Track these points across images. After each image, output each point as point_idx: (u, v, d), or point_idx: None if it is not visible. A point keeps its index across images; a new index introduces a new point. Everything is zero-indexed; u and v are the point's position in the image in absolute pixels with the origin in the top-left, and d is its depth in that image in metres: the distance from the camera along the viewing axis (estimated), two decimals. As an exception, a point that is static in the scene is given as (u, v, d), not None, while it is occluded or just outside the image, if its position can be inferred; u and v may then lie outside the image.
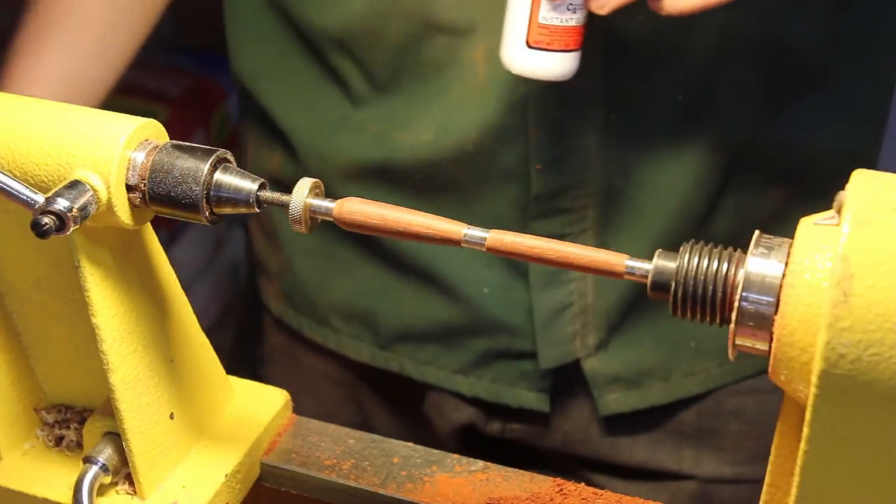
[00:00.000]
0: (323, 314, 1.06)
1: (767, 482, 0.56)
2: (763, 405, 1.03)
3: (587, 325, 0.96)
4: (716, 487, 1.05)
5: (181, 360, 0.71)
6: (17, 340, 0.72)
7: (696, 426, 1.03)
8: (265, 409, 0.77)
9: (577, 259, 0.56)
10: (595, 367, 0.98)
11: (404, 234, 0.59)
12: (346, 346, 1.05)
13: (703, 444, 1.03)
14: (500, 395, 1.01)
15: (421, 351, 1.02)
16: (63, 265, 0.67)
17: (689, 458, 1.04)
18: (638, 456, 1.04)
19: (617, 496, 0.73)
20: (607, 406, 0.99)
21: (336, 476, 0.73)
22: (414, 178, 0.94)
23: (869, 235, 0.46)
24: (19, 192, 0.59)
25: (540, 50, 0.78)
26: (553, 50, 0.78)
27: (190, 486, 0.70)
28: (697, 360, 1.00)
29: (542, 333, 0.96)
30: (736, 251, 0.53)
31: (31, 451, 0.74)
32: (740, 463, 1.04)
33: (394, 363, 1.04)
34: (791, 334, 0.48)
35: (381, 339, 1.03)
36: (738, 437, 1.04)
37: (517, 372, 1.00)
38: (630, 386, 0.99)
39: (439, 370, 1.02)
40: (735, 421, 1.03)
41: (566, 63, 0.79)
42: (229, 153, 0.62)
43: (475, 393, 1.01)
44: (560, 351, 0.97)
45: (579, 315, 0.96)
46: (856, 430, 0.47)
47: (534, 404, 1.01)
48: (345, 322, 1.05)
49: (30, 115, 0.62)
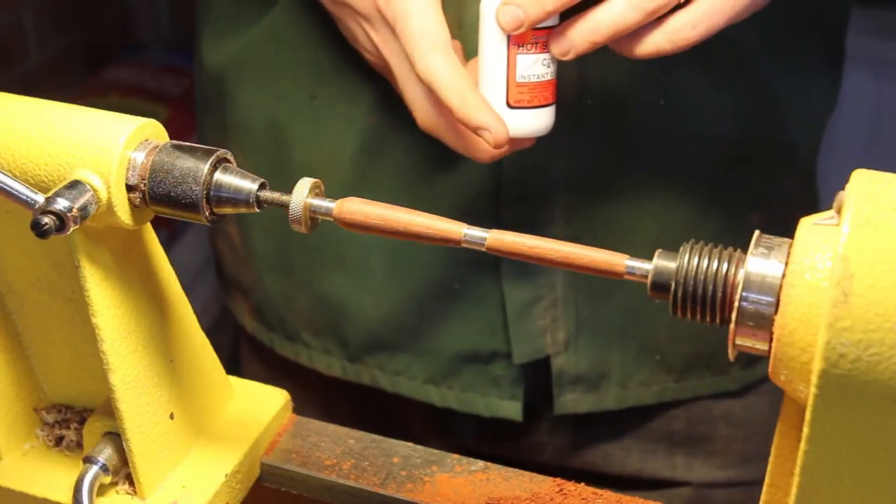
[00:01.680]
0: (292, 329, 1.04)
1: (767, 482, 0.56)
2: (749, 408, 1.03)
3: (557, 320, 0.96)
4: (709, 492, 1.04)
5: (181, 360, 0.71)
6: (17, 340, 0.72)
7: (685, 433, 1.03)
8: (265, 409, 0.77)
9: (577, 259, 0.56)
10: (562, 366, 0.97)
11: (404, 234, 0.59)
12: (316, 361, 1.04)
13: (694, 450, 1.03)
14: (470, 403, 1.00)
15: (391, 361, 1.00)
16: (63, 265, 0.67)
17: (681, 465, 1.03)
18: (630, 466, 1.04)
19: (617, 496, 0.73)
20: (564, 406, 0.98)
21: (336, 476, 0.73)
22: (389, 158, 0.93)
23: (869, 235, 0.46)
24: (19, 192, 0.59)
25: (521, 109, 0.78)
26: (534, 107, 0.78)
27: (190, 486, 0.70)
28: (657, 373, 0.99)
29: (515, 327, 0.96)
30: (736, 251, 0.53)
31: (31, 451, 0.74)
32: (731, 466, 1.04)
33: (365, 375, 1.02)
34: (791, 334, 0.48)
35: (351, 352, 1.02)
36: (727, 440, 1.04)
37: (488, 378, 0.98)
38: (589, 388, 0.98)
39: (410, 380, 1.00)
40: (724, 425, 1.03)
41: (547, 117, 0.79)
42: (229, 153, 0.62)
43: (446, 403, 1.00)
44: (531, 346, 0.96)
45: (549, 309, 0.95)
46: (856, 430, 0.47)
47: (506, 413, 0.99)
48: (314, 336, 1.03)
49: (30, 115, 0.62)
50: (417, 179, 0.93)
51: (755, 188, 0.95)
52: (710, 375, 1.01)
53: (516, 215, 0.92)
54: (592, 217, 0.92)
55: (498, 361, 0.98)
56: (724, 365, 1.00)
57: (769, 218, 0.96)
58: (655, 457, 1.03)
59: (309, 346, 1.04)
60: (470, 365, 0.98)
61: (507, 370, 0.98)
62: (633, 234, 0.92)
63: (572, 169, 0.90)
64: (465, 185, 0.92)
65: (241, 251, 1.05)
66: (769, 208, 0.96)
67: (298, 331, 1.04)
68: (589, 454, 1.03)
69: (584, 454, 1.04)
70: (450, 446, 1.04)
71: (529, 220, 0.92)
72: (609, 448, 1.03)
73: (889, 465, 0.48)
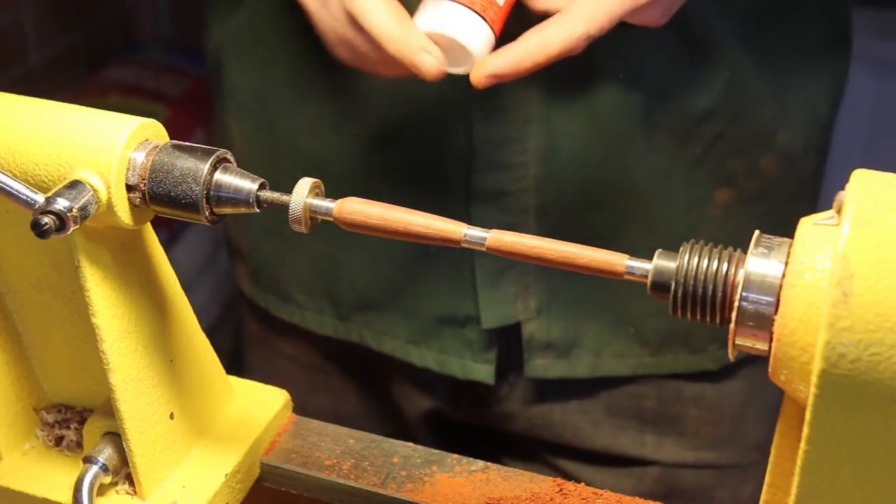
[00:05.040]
0: (286, 290, 1.07)
1: (767, 482, 0.56)
2: (721, 391, 1.04)
3: (528, 287, 0.96)
4: (678, 472, 1.05)
5: (181, 360, 0.71)
6: (17, 340, 0.72)
7: (655, 412, 1.04)
8: (265, 409, 0.77)
9: (576, 259, 0.56)
10: (533, 332, 0.98)
11: (404, 233, 0.59)
12: (309, 320, 1.07)
13: (664, 429, 1.04)
14: (447, 365, 1.02)
15: (378, 320, 1.03)
16: (63, 265, 0.67)
17: (650, 444, 1.05)
18: (600, 441, 1.05)
19: (617, 496, 0.73)
20: (534, 370, 1.00)
21: (336, 476, 0.73)
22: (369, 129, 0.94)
23: (869, 235, 0.46)
24: (19, 192, 0.59)
25: (450, 2, 0.75)
26: (464, 5, 0.75)
27: (190, 486, 0.70)
28: (632, 346, 1.00)
29: (484, 293, 0.97)
30: (736, 251, 0.53)
31: (31, 451, 0.74)
32: (701, 448, 1.05)
33: (353, 333, 1.05)
34: (791, 334, 0.48)
35: (342, 310, 1.04)
36: (697, 422, 1.05)
37: (463, 341, 1.01)
38: (560, 354, 1.00)
39: (394, 339, 1.03)
40: (694, 407, 1.04)
41: (474, 27, 0.76)
42: (229, 153, 0.62)
43: (425, 363, 1.02)
44: (501, 312, 0.98)
45: (521, 277, 0.96)
46: (856, 430, 0.47)
47: (478, 375, 1.01)
48: (307, 296, 1.06)
49: (30, 115, 0.62)
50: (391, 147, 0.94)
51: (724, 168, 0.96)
52: (686, 352, 1.01)
53: (486, 184, 0.92)
54: (563, 188, 0.92)
55: (471, 325, 1.00)
56: (700, 342, 1.01)
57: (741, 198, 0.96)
58: (626, 433, 1.04)
59: (302, 307, 1.07)
60: (447, 327, 1.01)
61: (480, 334, 0.99)
62: (605, 205, 0.93)
63: (544, 140, 0.91)
64: (437, 150, 0.92)
65: (241, 217, 1.08)
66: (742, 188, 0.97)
67: (292, 292, 1.07)
68: (560, 427, 1.05)
69: (555, 426, 1.05)
70: (427, 411, 1.07)
71: (500, 190, 0.92)
72: (580, 421, 1.04)
73: (889, 465, 0.48)
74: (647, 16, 0.79)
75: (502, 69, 0.76)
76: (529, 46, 0.76)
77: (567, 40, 0.75)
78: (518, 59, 0.76)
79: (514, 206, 0.94)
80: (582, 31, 0.75)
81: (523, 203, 0.93)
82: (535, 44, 0.76)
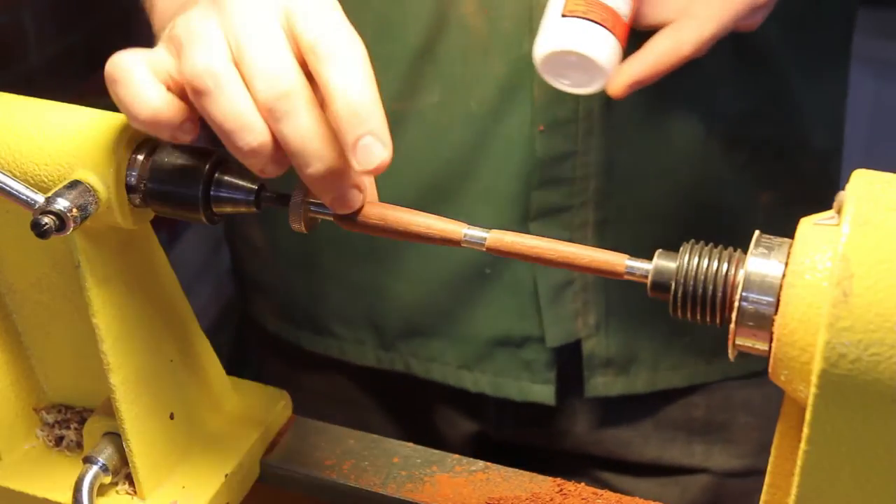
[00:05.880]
0: (322, 323, 1.05)
1: (767, 482, 0.56)
2: (768, 396, 1.04)
3: (588, 304, 0.96)
4: (726, 480, 1.05)
5: (181, 360, 0.71)
6: (17, 340, 0.72)
7: (705, 420, 1.03)
8: (265, 409, 0.77)
9: (577, 259, 0.56)
10: (593, 349, 0.98)
11: (404, 234, 0.59)
12: (349, 352, 1.04)
13: (713, 437, 1.04)
14: (503, 388, 1.00)
15: (425, 347, 1.01)
16: (63, 265, 0.67)
17: (699, 453, 1.04)
18: (649, 453, 1.04)
19: (617, 496, 0.73)
20: (595, 388, 0.99)
21: (336, 476, 0.73)
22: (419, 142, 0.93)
23: (869, 235, 0.46)
24: (19, 192, 0.59)
25: (575, 18, 0.72)
26: (590, 20, 0.72)
27: (190, 486, 0.70)
28: (687, 355, 1.00)
29: (548, 310, 0.96)
30: (736, 251, 0.53)
31: (31, 451, 0.74)
32: (749, 455, 1.05)
33: (398, 363, 1.03)
34: (791, 334, 0.48)
35: (386, 339, 1.02)
36: (746, 429, 1.04)
37: (521, 362, 0.99)
38: (619, 371, 0.99)
39: (444, 366, 1.01)
40: (743, 413, 1.04)
41: (603, 41, 0.72)
42: (229, 153, 0.62)
43: (479, 388, 1.01)
44: (564, 329, 0.97)
45: (580, 293, 0.96)
46: (856, 430, 0.47)
47: (538, 396, 1.00)
48: (346, 327, 1.04)
49: (30, 115, 0.62)
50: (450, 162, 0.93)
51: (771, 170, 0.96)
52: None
53: (547, 200, 0.92)
54: (623, 202, 0.92)
55: (530, 345, 0.98)
56: None
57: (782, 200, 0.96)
58: (674, 444, 1.04)
59: (340, 338, 1.04)
60: (503, 349, 0.99)
61: (540, 354, 0.98)
62: (664, 217, 0.93)
63: (605, 153, 0.91)
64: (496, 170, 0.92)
65: (265, 252, 1.06)
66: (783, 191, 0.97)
67: (328, 324, 1.04)
68: (609, 442, 1.04)
69: (605, 442, 1.04)
70: (470, 434, 1.05)
71: (561, 205, 0.92)
72: (629, 436, 1.04)
73: (889, 465, 0.48)
74: (755, 17, 0.79)
75: (642, 75, 0.76)
76: (664, 50, 0.76)
77: (698, 41, 0.76)
78: (656, 63, 0.76)
79: (574, 222, 0.93)
80: (711, 33, 0.76)
81: (583, 218, 0.93)
82: (668, 47, 0.76)
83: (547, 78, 0.76)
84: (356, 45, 0.56)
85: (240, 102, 0.54)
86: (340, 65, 0.54)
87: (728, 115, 0.92)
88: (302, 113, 0.54)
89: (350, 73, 0.54)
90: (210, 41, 0.55)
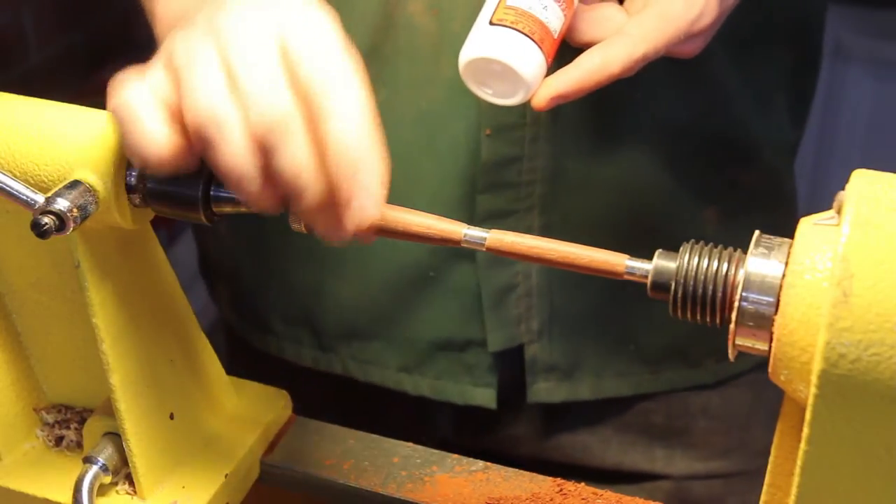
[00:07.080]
0: (263, 318, 1.04)
1: (767, 482, 0.56)
2: (727, 399, 1.04)
3: (531, 309, 0.96)
4: (689, 484, 1.05)
5: (181, 360, 0.71)
6: (17, 340, 0.72)
7: (664, 426, 1.03)
8: (265, 409, 0.77)
9: (577, 259, 0.56)
10: (536, 354, 0.98)
11: (403, 234, 0.59)
12: (286, 350, 1.04)
13: (674, 442, 1.04)
14: (444, 391, 1.00)
15: (364, 349, 1.00)
16: (63, 265, 0.67)
17: (661, 458, 1.04)
18: (610, 459, 1.04)
19: (617, 496, 0.73)
20: (537, 394, 0.99)
21: (336, 476, 0.73)
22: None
23: (869, 235, 0.46)
24: (19, 192, 0.59)
25: (503, 27, 0.71)
26: (518, 30, 0.71)
27: (190, 486, 0.70)
28: (633, 364, 1.00)
29: (490, 315, 0.96)
30: (736, 251, 0.53)
31: (31, 451, 0.74)
32: (710, 458, 1.05)
33: (336, 364, 1.02)
34: (791, 334, 0.48)
35: (323, 340, 1.01)
36: (706, 433, 1.04)
37: (463, 366, 0.99)
38: (563, 377, 0.99)
39: (383, 369, 1.00)
40: (702, 418, 1.04)
41: (529, 53, 0.71)
42: (229, 153, 0.62)
43: (420, 391, 1.00)
44: (506, 334, 0.97)
45: (524, 298, 0.96)
46: (856, 430, 0.47)
47: (480, 400, 0.99)
48: (284, 324, 1.03)
49: (30, 115, 0.62)
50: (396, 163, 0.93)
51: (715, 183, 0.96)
52: (685, 367, 1.01)
53: (492, 204, 0.92)
54: (568, 208, 0.92)
55: (472, 349, 0.98)
56: (698, 357, 1.01)
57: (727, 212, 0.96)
58: (635, 449, 1.04)
59: (279, 336, 1.04)
60: (444, 353, 0.99)
61: (481, 358, 0.98)
62: (609, 225, 0.93)
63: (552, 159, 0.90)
64: (442, 172, 0.92)
65: (226, 241, 1.06)
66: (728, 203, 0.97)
67: (269, 320, 1.04)
68: (569, 447, 1.04)
69: (564, 447, 1.04)
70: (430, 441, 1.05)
71: (506, 209, 0.92)
72: (588, 440, 1.04)
73: (889, 465, 0.48)
74: (693, 44, 0.79)
75: (568, 89, 0.75)
76: (592, 67, 0.75)
77: (628, 61, 0.75)
78: (581, 79, 0.75)
79: (519, 227, 0.93)
80: (642, 53, 0.75)
81: (528, 223, 0.93)
82: (596, 64, 0.75)
83: (469, 85, 0.74)
84: (353, 80, 0.56)
85: (242, 153, 0.55)
86: (338, 109, 0.55)
87: (673, 125, 0.92)
88: (293, 146, 0.54)
89: (346, 117, 0.55)
90: (207, 73, 0.55)
